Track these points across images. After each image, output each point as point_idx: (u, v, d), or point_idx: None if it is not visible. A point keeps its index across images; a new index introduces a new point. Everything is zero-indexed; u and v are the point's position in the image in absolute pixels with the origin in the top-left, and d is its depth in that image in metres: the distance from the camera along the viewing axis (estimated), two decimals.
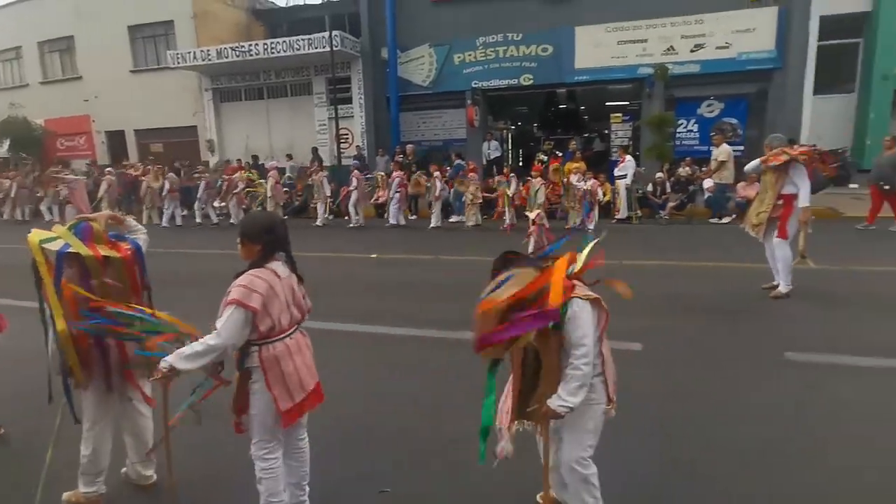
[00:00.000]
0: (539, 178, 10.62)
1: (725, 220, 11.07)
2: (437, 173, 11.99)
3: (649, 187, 12.26)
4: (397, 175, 12.23)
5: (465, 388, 3.82)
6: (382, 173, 13.15)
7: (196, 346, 2.18)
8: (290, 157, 16.77)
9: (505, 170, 11.64)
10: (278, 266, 2.33)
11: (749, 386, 3.83)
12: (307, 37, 15.65)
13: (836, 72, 17.08)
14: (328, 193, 12.76)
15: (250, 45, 16.50)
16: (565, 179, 11.49)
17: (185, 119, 18.92)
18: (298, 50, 15.73)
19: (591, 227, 10.71)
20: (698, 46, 13.74)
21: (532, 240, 7.48)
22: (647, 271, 7.25)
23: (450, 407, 3.60)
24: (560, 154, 14.92)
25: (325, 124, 17.26)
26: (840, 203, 11.09)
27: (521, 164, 19.62)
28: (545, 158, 14.54)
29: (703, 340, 4.70)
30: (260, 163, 16.46)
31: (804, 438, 3.12)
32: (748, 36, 13.44)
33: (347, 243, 10.45)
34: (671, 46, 13.93)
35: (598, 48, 14.52)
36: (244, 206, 13.59)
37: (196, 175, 14.53)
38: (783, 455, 2.95)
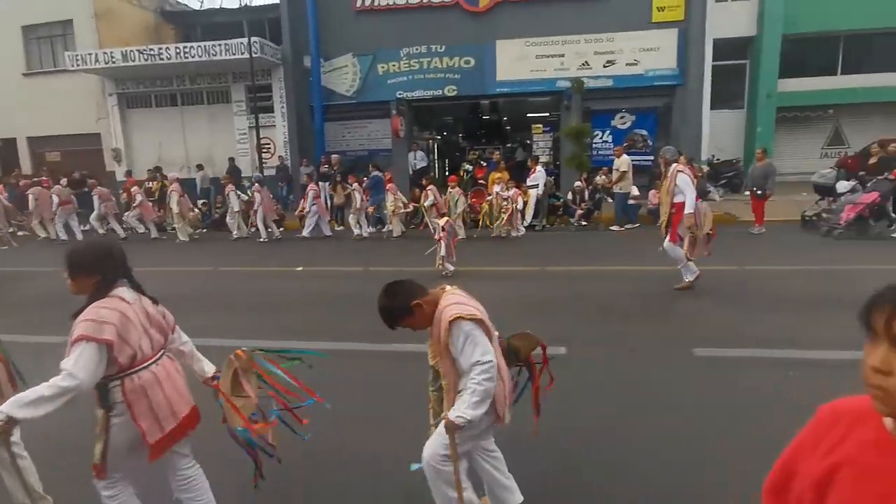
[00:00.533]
0: (458, 188, 10.84)
1: (627, 226, 11.69)
2: (355, 184, 11.91)
3: (569, 195, 12.83)
4: (312, 188, 12.02)
5: (399, 401, 3.81)
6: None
7: (42, 391, 1.86)
8: (200, 167, 15.96)
9: (424, 181, 11.73)
10: (123, 292, 2.14)
11: (665, 383, 4.09)
12: (224, 42, 15.03)
13: (729, 89, 18.78)
14: (236, 208, 12.20)
15: (160, 48, 15.59)
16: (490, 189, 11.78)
17: (87, 126, 17.52)
18: (215, 55, 15.06)
19: (516, 234, 11.05)
20: (610, 62, 14.61)
21: (442, 245, 7.61)
22: (566, 276, 7.57)
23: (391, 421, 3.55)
24: (485, 164, 15.27)
25: (245, 133, 16.61)
26: (736, 209, 12.16)
27: (447, 173, 19.85)
28: (470, 168, 14.84)
29: (623, 341, 4.96)
30: (165, 173, 15.55)
31: (712, 429, 3.37)
32: (653, 54, 14.47)
33: (265, 258, 10.10)
34: (586, 62, 14.71)
35: (518, 62, 15.05)
36: (154, 219, 12.84)
37: (87, 189, 13.50)
38: (692, 448, 3.17)
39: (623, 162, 11.82)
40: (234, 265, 9.42)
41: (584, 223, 12.21)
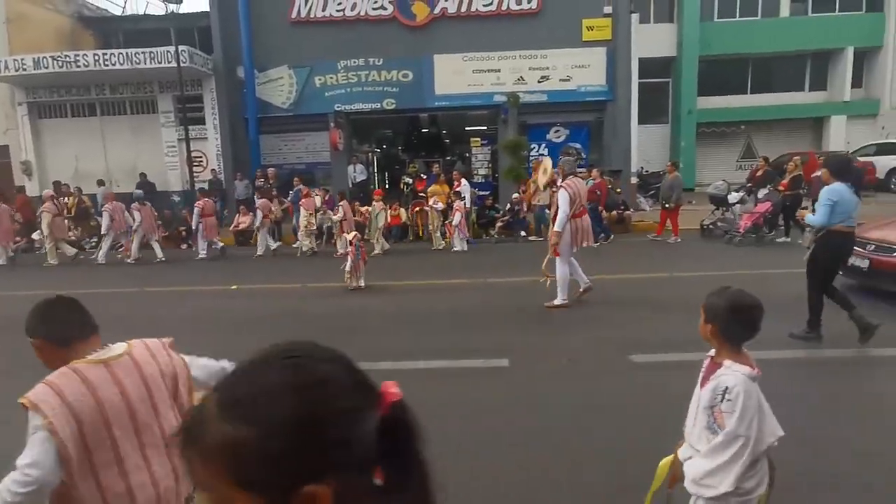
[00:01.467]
0: (380, 203, 11.08)
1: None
2: (263, 200, 11.62)
3: (507, 206, 13.10)
4: (199, 203, 11.46)
5: None
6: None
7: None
8: (101, 182, 14.94)
9: (338, 195, 11.70)
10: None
11: (604, 389, 4.20)
12: (149, 50, 14.30)
13: (655, 105, 19.97)
14: (133, 225, 11.40)
15: (77, 55, 14.60)
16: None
17: None
18: (138, 63, 14.29)
19: (458, 247, 11.17)
20: (544, 78, 15.12)
21: (349, 261, 7.63)
22: (507, 288, 7.70)
23: None
24: (425, 176, 15.32)
25: (174, 146, 15.82)
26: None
27: (387, 186, 19.77)
28: (410, 181, 14.84)
29: (562, 350, 5.06)
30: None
31: (650, 432, 3.49)
32: (584, 71, 15.11)
33: (128, 280, 9.62)
34: (521, 77, 15.15)
35: (456, 76, 15.28)
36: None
37: None
38: (636, 451, 3.27)
39: (541, 176, 12.24)
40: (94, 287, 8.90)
41: (503, 235, 12.64)
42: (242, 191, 14.33)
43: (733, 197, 11.94)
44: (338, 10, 15.16)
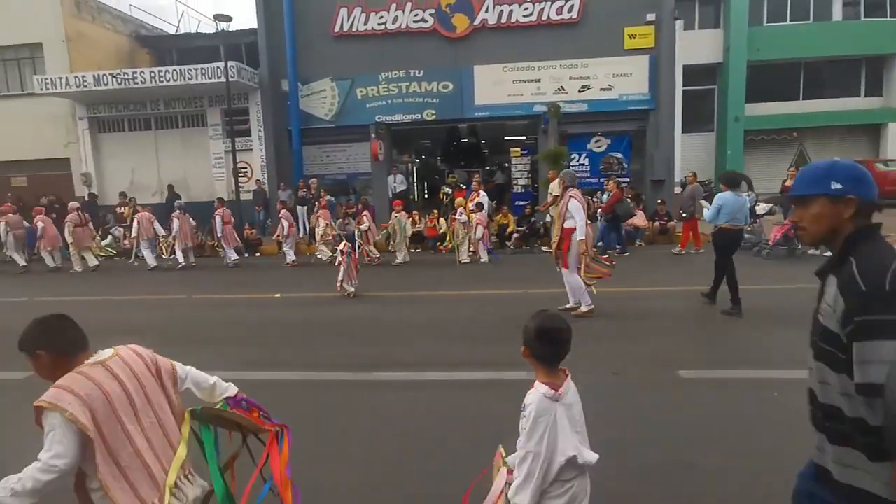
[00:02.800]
0: (403, 213, 11.30)
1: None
2: (284, 212, 11.94)
3: (547, 218, 12.98)
4: (219, 212, 12.00)
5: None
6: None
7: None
8: (171, 188, 15.74)
9: (358, 206, 12.01)
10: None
11: (653, 403, 4.07)
12: (200, 66, 14.92)
13: (699, 113, 19.47)
14: (172, 233, 12.08)
15: (134, 72, 15.38)
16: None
17: (56, 150, 17.06)
18: (191, 79, 14.92)
19: (484, 259, 11.18)
20: (585, 87, 14.96)
21: (342, 269, 7.92)
22: (538, 298, 7.59)
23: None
24: (464, 187, 15.35)
25: (221, 157, 16.40)
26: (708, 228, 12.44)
27: (426, 196, 19.94)
28: (449, 191, 14.88)
29: (605, 363, 4.93)
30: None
31: (698, 449, 3.35)
32: (626, 80, 14.88)
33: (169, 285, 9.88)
34: (562, 87, 15.03)
35: (496, 86, 15.30)
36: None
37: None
38: (682, 465, 3.14)
39: (555, 187, 12.12)
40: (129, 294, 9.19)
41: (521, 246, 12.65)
42: (285, 200, 14.69)
43: (761, 208, 11.52)
44: (379, 24, 15.44)
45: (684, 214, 10.99)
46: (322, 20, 15.51)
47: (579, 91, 15.01)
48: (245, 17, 50.85)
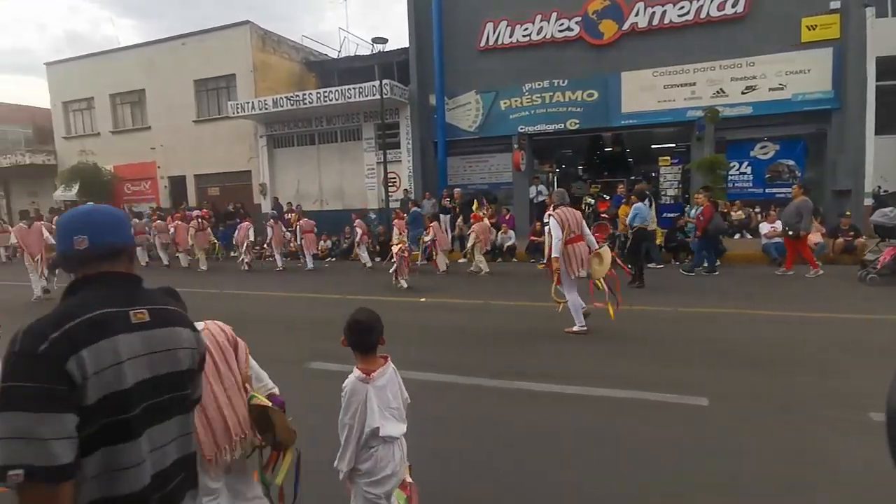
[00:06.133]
0: (476, 224, 11.76)
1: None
2: (358, 221, 13.27)
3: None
4: (301, 222, 13.53)
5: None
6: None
7: None
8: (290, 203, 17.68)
9: (428, 218, 12.85)
10: None
11: (830, 446, 3.54)
12: (358, 85, 16.35)
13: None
14: (251, 238, 13.77)
15: (304, 94, 17.36)
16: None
17: (241, 164, 19.86)
18: (350, 98, 16.42)
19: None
20: (750, 88, 13.59)
21: (394, 266, 9.64)
22: (694, 317, 6.97)
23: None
24: (608, 197, 14.80)
25: (373, 168, 17.76)
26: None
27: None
28: (593, 202, 14.44)
29: (768, 393, 4.39)
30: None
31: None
32: (803, 77, 13.22)
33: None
34: (721, 89, 13.83)
35: (644, 92, 14.57)
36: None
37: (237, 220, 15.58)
38: None
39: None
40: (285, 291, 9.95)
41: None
42: (429, 209, 15.41)
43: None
44: (524, 36, 15.60)
45: (790, 232, 9.61)
46: (468, 36, 16.10)
47: (743, 92, 13.68)
48: (397, 37, 54.47)
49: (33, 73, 74.98)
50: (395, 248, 9.97)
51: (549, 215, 6.46)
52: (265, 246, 14.29)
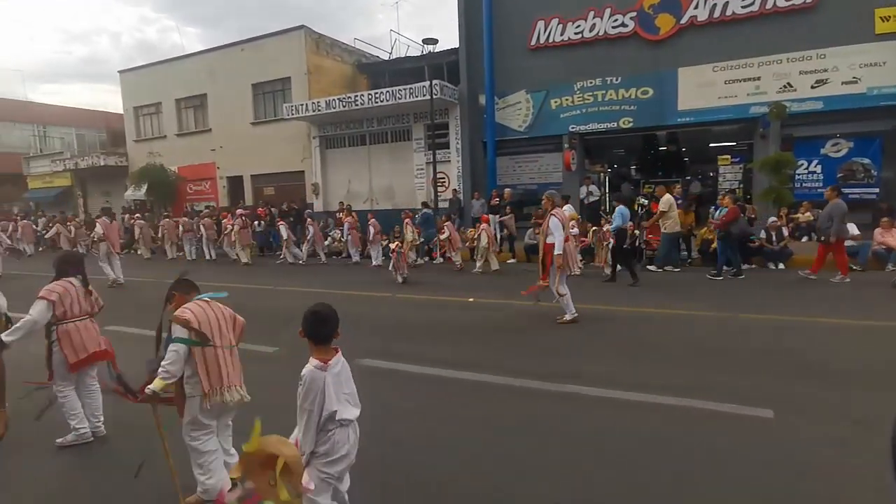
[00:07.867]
0: (488, 226, 12.03)
1: (668, 268, 11.14)
2: (372, 220, 13.68)
3: (762, 234, 11.38)
4: (348, 219, 14.71)
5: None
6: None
7: (17, 325, 3.61)
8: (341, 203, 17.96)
9: (443, 218, 13.58)
10: (73, 280, 4.00)
11: None
12: (408, 86, 16.50)
13: None
14: (284, 236, 14.77)
15: (356, 95, 17.69)
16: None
17: (295, 164, 20.48)
18: (400, 99, 16.60)
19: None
20: (820, 82, 12.81)
21: (392, 262, 10.82)
22: (757, 325, 6.60)
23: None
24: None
25: (422, 168, 17.89)
26: None
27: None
28: (646, 202, 13.98)
29: (840, 409, 4.10)
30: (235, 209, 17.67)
31: None
32: (878, 70, 12.34)
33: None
34: (788, 83, 13.10)
35: (703, 88, 14.00)
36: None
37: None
38: None
39: (664, 202, 10.90)
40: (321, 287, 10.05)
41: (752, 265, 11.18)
42: (479, 209, 15.39)
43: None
44: (576, 33, 15.31)
45: (822, 238, 9.39)
46: (519, 35, 15.94)
47: (812, 87, 12.90)
48: (448, 38, 54.65)
49: (108, 81, 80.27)
50: (392, 246, 11.14)
51: (551, 215, 7.02)
52: (305, 242, 15.20)
